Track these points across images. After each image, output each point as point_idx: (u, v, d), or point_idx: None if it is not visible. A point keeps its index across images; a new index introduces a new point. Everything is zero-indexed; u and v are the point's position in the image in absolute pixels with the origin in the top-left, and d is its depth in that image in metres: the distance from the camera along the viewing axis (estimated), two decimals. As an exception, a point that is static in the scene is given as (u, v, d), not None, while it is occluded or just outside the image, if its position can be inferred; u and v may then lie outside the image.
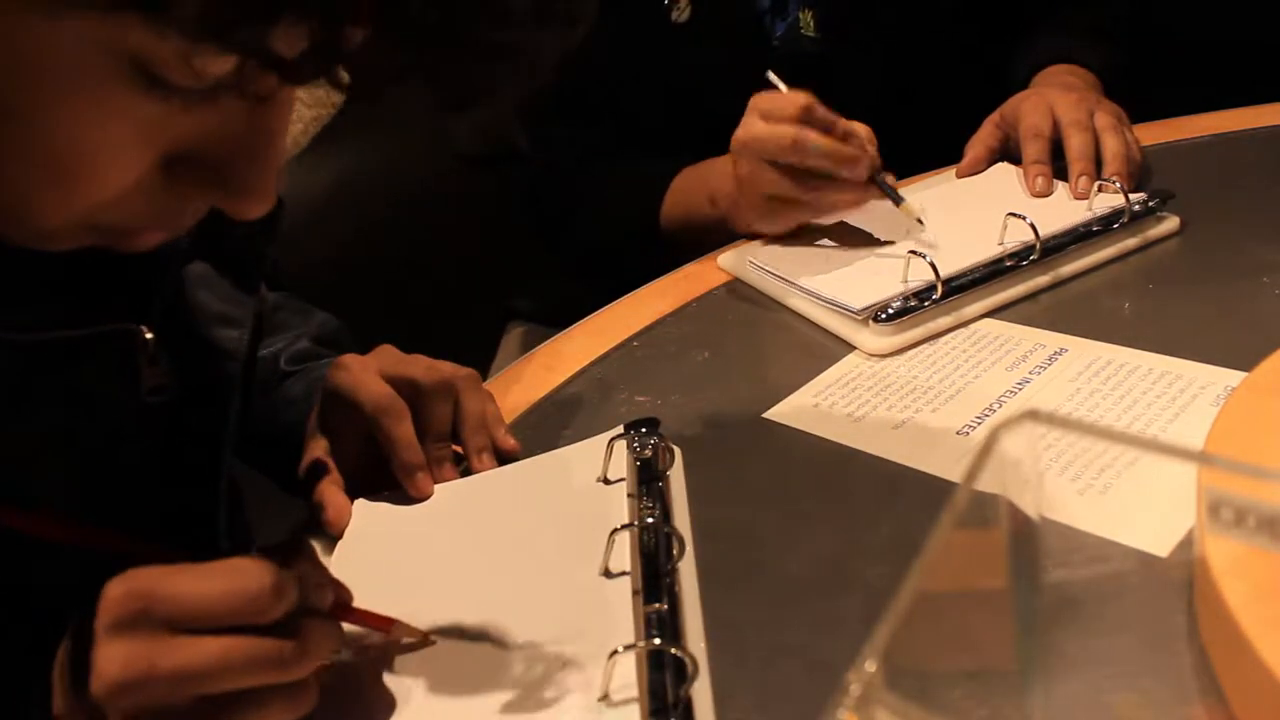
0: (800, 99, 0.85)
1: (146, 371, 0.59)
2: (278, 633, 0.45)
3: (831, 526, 0.59)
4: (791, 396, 0.72)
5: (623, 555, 0.57)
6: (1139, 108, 0.97)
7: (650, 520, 0.58)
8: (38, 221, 0.41)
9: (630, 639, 0.51)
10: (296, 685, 0.46)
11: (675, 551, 0.57)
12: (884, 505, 0.61)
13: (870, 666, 0.29)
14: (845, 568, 0.56)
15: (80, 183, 0.39)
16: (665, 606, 0.53)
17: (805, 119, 0.84)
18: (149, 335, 0.58)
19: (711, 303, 0.88)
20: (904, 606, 0.31)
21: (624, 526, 0.58)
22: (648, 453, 0.65)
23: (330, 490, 0.66)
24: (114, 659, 0.43)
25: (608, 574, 0.56)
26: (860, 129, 0.86)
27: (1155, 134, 1.00)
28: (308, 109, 0.60)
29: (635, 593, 0.54)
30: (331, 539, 0.64)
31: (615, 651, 0.49)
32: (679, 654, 0.49)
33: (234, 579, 0.45)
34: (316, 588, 0.49)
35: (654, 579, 0.55)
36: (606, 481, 0.64)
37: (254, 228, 0.63)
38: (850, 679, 0.29)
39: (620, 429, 0.68)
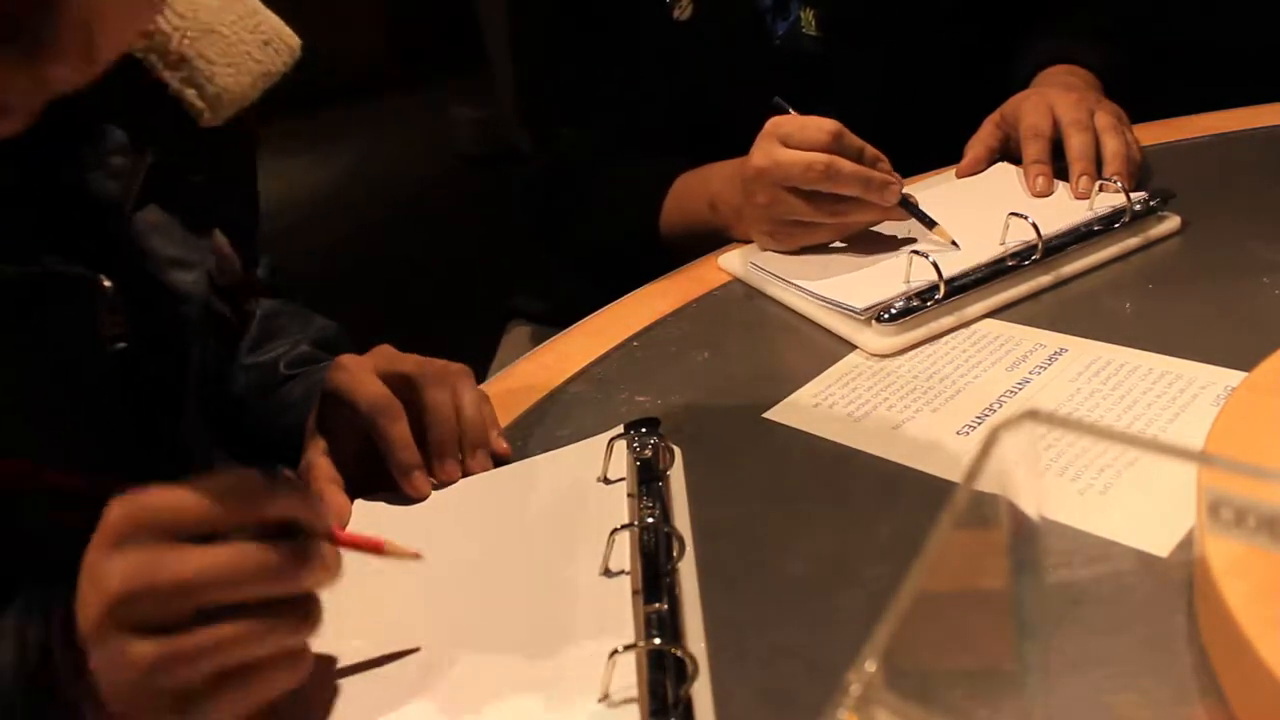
0: (830, 126, 0.84)
1: (105, 320, 0.59)
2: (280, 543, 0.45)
3: (831, 526, 0.59)
4: (791, 396, 0.72)
5: (623, 555, 0.57)
6: (1139, 108, 0.97)
7: (650, 520, 0.59)
8: None
9: (630, 639, 0.51)
10: (294, 653, 0.46)
11: (675, 551, 0.57)
12: (884, 505, 0.61)
13: (870, 666, 0.29)
14: (845, 568, 0.56)
15: None
16: (665, 606, 0.53)
17: (836, 147, 0.83)
18: (107, 283, 0.58)
19: (711, 303, 0.88)
20: (904, 606, 0.31)
21: (624, 526, 0.58)
22: (648, 453, 0.65)
23: (330, 489, 0.66)
24: (114, 572, 0.43)
25: (608, 574, 0.56)
26: (876, 151, 0.86)
27: (1155, 134, 1.00)
28: (255, 63, 0.60)
29: (635, 593, 0.54)
30: None
31: (615, 651, 0.49)
32: (679, 654, 0.49)
33: (230, 480, 0.45)
34: (313, 502, 0.49)
35: (654, 579, 0.55)
36: (606, 481, 0.64)
37: (201, 176, 0.63)
38: (850, 679, 0.29)
39: (620, 429, 0.68)
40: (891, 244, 0.86)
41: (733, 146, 0.94)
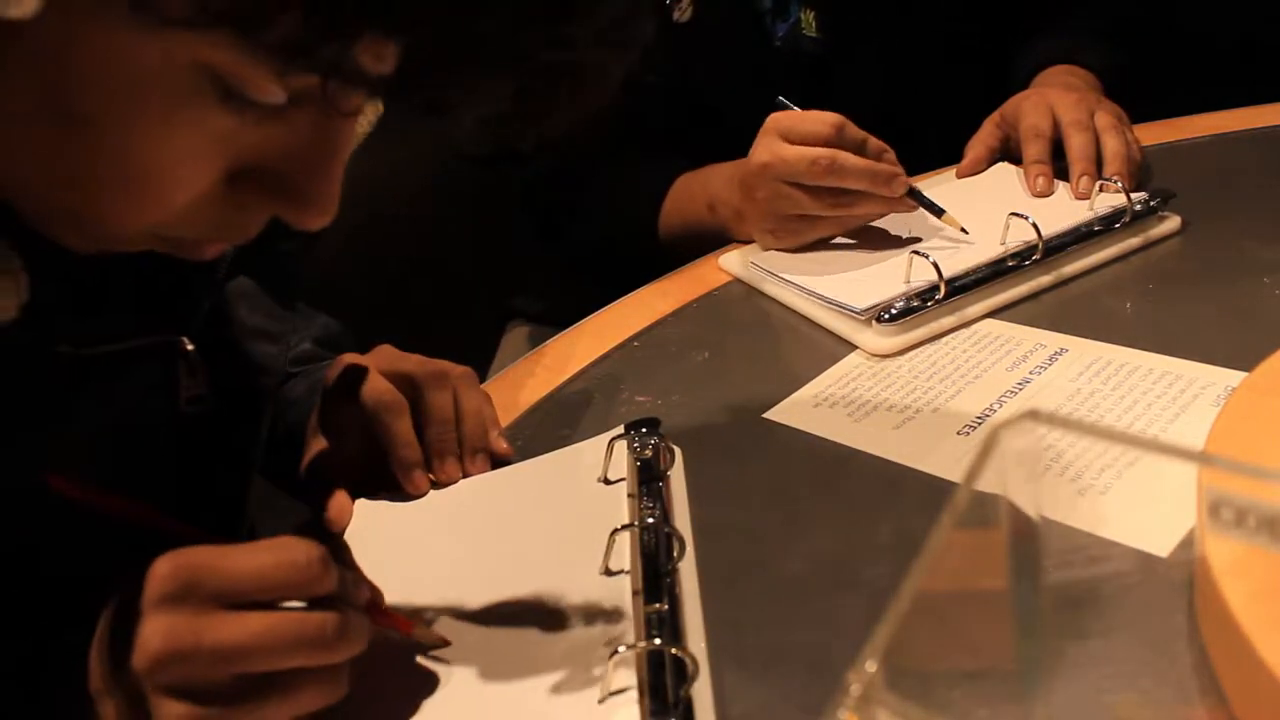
0: (831, 119, 0.83)
1: (185, 382, 0.59)
2: (321, 614, 0.45)
3: (831, 526, 0.59)
4: (792, 396, 0.72)
5: (623, 555, 0.57)
6: (1139, 108, 0.97)
7: (650, 520, 0.58)
8: (105, 229, 0.42)
9: (631, 639, 0.51)
10: (332, 671, 0.46)
11: (675, 552, 0.57)
12: (884, 505, 0.61)
13: (870, 666, 0.29)
14: (845, 568, 0.56)
15: (150, 193, 0.40)
16: (665, 607, 0.53)
17: (839, 140, 0.83)
18: (190, 346, 0.59)
19: (711, 303, 0.88)
20: (904, 606, 0.31)
21: (624, 526, 0.58)
22: (648, 453, 0.65)
23: (333, 491, 0.66)
24: (157, 632, 0.43)
25: (608, 573, 0.56)
26: (880, 142, 0.86)
27: (1155, 134, 1.00)
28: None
29: (635, 593, 0.54)
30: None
31: (616, 652, 0.49)
32: (679, 654, 0.49)
33: (283, 552, 0.45)
34: (354, 581, 0.49)
35: (654, 579, 0.55)
36: (607, 481, 0.64)
37: (292, 244, 0.64)
38: (850, 679, 0.29)
39: (621, 429, 0.68)
40: (892, 244, 0.86)
41: (732, 148, 0.94)
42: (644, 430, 0.67)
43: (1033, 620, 0.40)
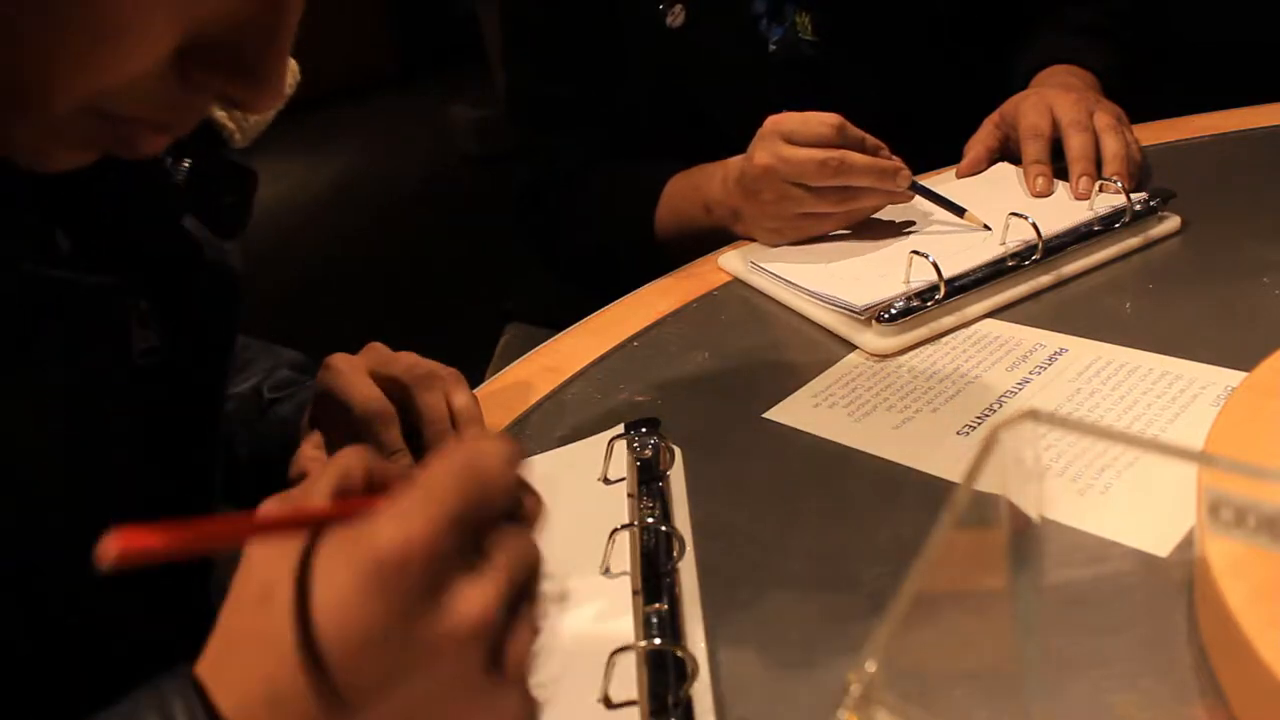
0: (832, 119, 0.85)
1: (137, 333, 0.58)
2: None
3: (831, 526, 0.59)
4: (791, 396, 0.72)
5: (623, 555, 0.57)
6: (1139, 108, 0.97)
7: (650, 520, 0.59)
8: (48, 101, 0.41)
9: (630, 639, 0.51)
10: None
11: (675, 552, 0.57)
12: (884, 505, 0.61)
13: (870, 666, 0.29)
14: (845, 568, 0.56)
15: (105, 49, 0.39)
16: (665, 607, 0.53)
17: (841, 140, 0.84)
18: (143, 303, 0.58)
19: (711, 303, 0.88)
20: (904, 606, 0.31)
21: (624, 526, 0.58)
22: (648, 453, 0.65)
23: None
24: (481, 601, 0.37)
25: (607, 573, 0.56)
26: (875, 140, 0.86)
27: (1155, 134, 1.00)
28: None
29: (635, 593, 0.54)
30: None
31: (615, 652, 0.49)
32: (679, 654, 0.49)
33: (468, 465, 0.39)
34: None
35: (654, 579, 0.55)
36: (607, 481, 0.64)
37: (234, 197, 0.62)
38: (850, 679, 0.29)
39: (620, 428, 0.68)
40: (891, 244, 0.86)
41: (727, 151, 0.94)
42: (644, 430, 0.67)
43: (1033, 620, 0.40)
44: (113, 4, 0.39)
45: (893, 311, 0.76)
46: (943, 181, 0.97)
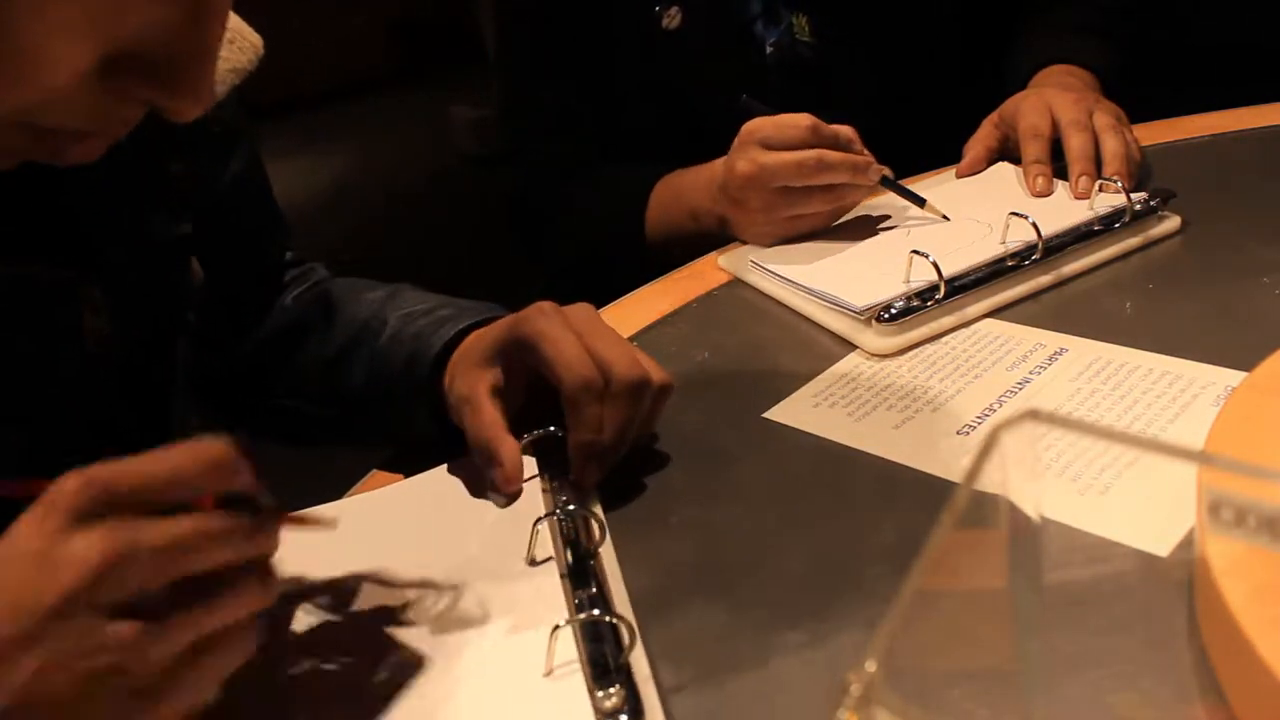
0: (805, 120, 0.86)
1: (89, 319, 0.59)
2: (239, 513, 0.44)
3: (831, 526, 0.59)
4: (791, 396, 0.72)
5: (546, 544, 0.59)
6: (1139, 108, 0.97)
7: (572, 507, 0.61)
8: None
9: (565, 618, 0.53)
10: (261, 571, 0.45)
11: (597, 535, 0.59)
12: (884, 505, 0.61)
13: (870, 666, 0.29)
14: (845, 568, 0.56)
15: (24, 67, 0.40)
16: (595, 589, 0.55)
17: (816, 139, 0.85)
18: (92, 286, 0.58)
19: (711, 303, 0.88)
20: (904, 606, 0.31)
21: (544, 516, 0.60)
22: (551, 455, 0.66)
23: (508, 447, 0.63)
24: (92, 545, 0.40)
25: (533, 563, 0.59)
26: (847, 131, 0.87)
27: (1155, 134, 1.00)
28: (221, 60, 0.60)
29: (563, 576, 0.57)
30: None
31: (557, 626, 0.51)
32: (615, 621, 0.52)
33: (197, 450, 0.44)
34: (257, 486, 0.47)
35: (579, 563, 0.57)
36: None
37: (182, 166, 0.63)
38: (850, 679, 0.29)
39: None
40: (891, 243, 0.87)
41: (721, 153, 0.94)
42: (543, 433, 0.67)
43: (1033, 620, 0.40)
44: (25, 28, 0.39)
45: (893, 311, 0.76)
46: (942, 181, 0.97)
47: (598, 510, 0.63)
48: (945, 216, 0.88)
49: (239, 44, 0.62)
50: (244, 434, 0.76)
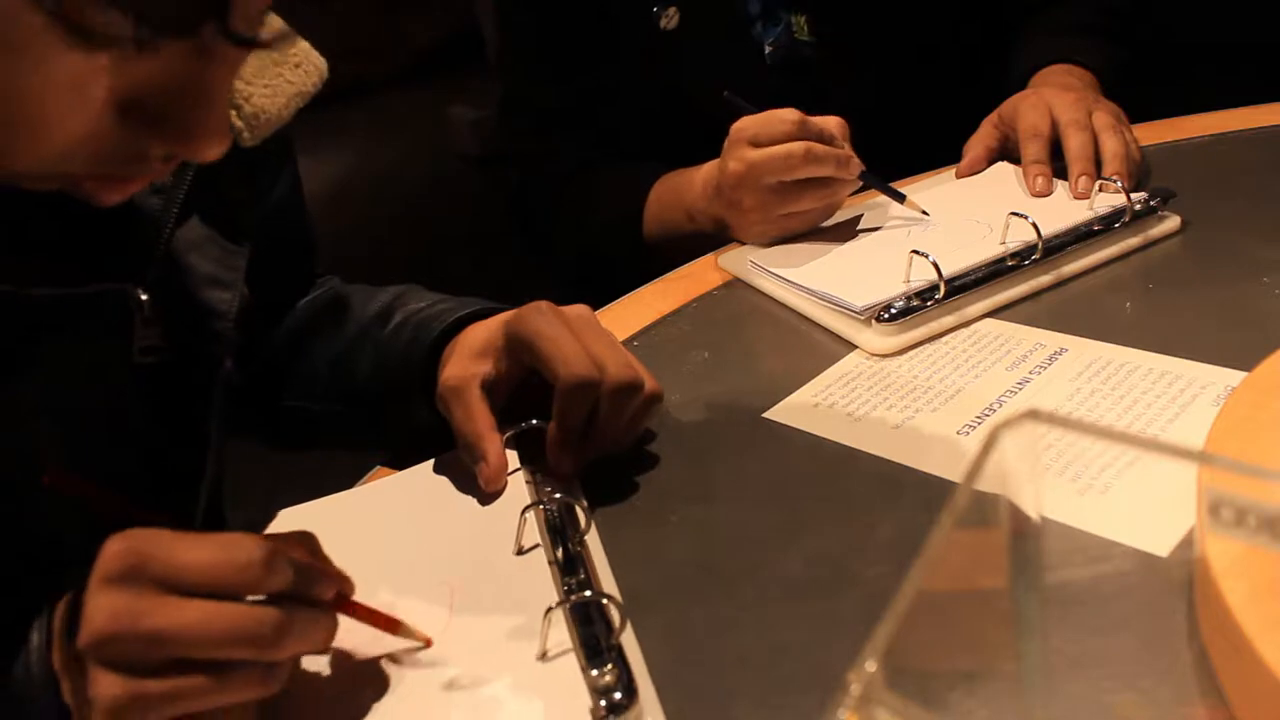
0: (791, 116, 0.86)
1: (139, 332, 0.60)
2: (263, 612, 0.46)
3: (831, 526, 0.59)
4: (791, 396, 0.72)
5: (534, 533, 0.60)
6: (1139, 108, 0.97)
7: (558, 496, 0.62)
8: (7, 165, 0.42)
9: (556, 601, 0.54)
10: (267, 666, 0.47)
11: (582, 524, 0.60)
12: (884, 505, 0.61)
13: (870, 666, 0.29)
14: (845, 568, 0.56)
15: (36, 130, 0.40)
16: (583, 575, 0.56)
17: (802, 133, 0.86)
18: (144, 296, 0.59)
19: (711, 303, 0.88)
20: (904, 606, 0.31)
21: (530, 506, 0.60)
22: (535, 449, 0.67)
23: (494, 446, 0.64)
24: (101, 609, 0.44)
25: (521, 551, 0.60)
26: (832, 123, 0.87)
27: (1155, 134, 1.00)
28: (289, 84, 0.61)
29: (551, 563, 0.58)
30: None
31: (549, 610, 0.52)
32: (605, 602, 0.53)
33: (228, 548, 0.46)
34: (317, 578, 0.49)
35: (565, 550, 0.58)
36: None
37: (243, 192, 0.64)
38: (850, 679, 0.29)
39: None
40: (891, 243, 0.87)
41: (719, 153, 0.94)
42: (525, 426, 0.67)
43: (1033, 620, 0.40)
44: (20, 88, 0.39)
45: (893, 311, 0.76)
46: (942, 181, 0.97)
47: (582, 500, 0.63)
48: (924, 212, 0.88)
49: (305, 67, 0.63)
50: (254, 440, 0.76)
